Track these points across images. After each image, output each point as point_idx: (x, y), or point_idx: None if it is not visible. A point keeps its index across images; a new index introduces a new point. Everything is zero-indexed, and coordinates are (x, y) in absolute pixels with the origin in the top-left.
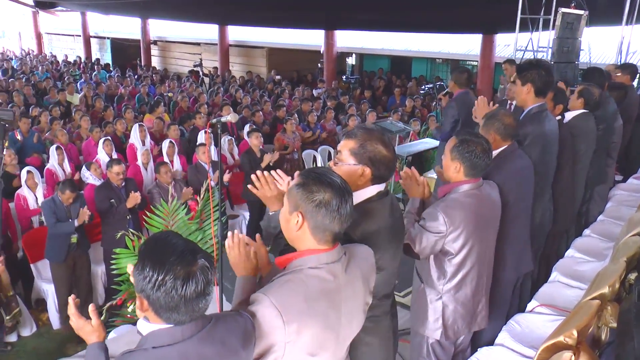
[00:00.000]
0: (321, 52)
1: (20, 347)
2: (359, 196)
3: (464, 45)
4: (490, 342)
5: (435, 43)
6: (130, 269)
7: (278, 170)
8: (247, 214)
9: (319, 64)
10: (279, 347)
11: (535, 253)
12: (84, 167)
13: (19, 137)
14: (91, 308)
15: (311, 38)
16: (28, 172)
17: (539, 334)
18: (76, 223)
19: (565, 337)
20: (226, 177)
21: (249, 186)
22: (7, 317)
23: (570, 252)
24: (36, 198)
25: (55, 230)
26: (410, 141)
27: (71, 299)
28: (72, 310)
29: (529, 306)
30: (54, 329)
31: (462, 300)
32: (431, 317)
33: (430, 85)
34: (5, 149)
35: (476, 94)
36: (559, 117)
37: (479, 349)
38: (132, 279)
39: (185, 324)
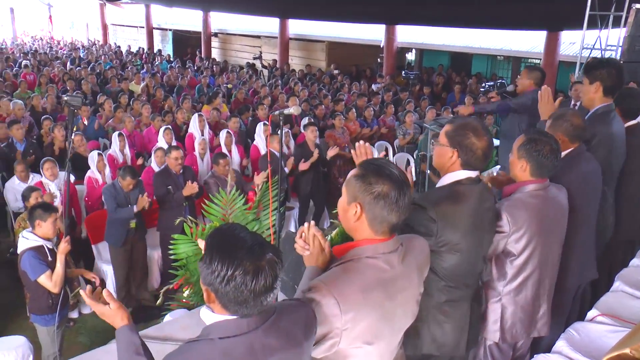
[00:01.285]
0: (381, 46)
1: (81, 324)
2: (448, 178)
3: (527, 42)
4: (548, 349)
5: (497, 39)
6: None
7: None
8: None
9: (378, 59)
10: (335, 334)
11: (597, 260)
12: (152, 151)
13: (85, 122)
14: (106, 293)
15: (371, 32)
16: (98, 154)
17: (598, 344)
18: (135, 209)
19: (632, 349)
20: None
21: (296, 245)
22: (71, 295)
23: (635, 262)
24: (104, 180)
25: (115, 215)
26: None
27: (82, 292)
28: (87, 300)
29: (589, 315)
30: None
31: (521, 303)
32: (490, 318)
33: (491, 83)
34: (74, 133)
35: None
36: (635, 122)
37: (535, 356)
38: (200, 271)
39: (251, 316)
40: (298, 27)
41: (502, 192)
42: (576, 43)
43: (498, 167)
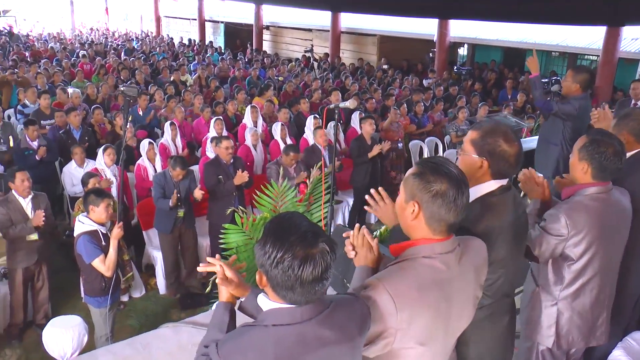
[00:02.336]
0: (433, 41)
1: (131, 307)
2: (479, 190)
3: (585, 37)
4: (603, 358)
5: (552, 34)
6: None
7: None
8: (350, 200)
9: (429, 54)
10: (390, 333)
11: None
12: (209, 141)
13: (140, 113)
14: (232, 270)
15: (423, 27)
16: (149, 143)
17: None
18: (170, 203)
19: None
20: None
21: (345, 249)
22: (123, 279)
23: None
24: (155, 169)
25: (157, 204)
26: (523, 138)
27: (209, 259)
28: (210, 260)
29: None
30: (161, 293)
31: (579, 309)
32: (544, 323)
33: (546, 80)
34: (128, 123)
35: (595, 92)
36: None
37: None
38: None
39: (301, 304)
40: (350, 20)
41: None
42: (639, 39)
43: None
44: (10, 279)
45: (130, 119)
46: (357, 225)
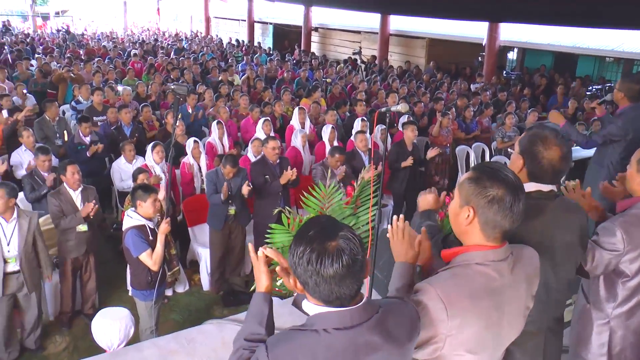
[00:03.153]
0: (482, 45)
1: (174, 302)
2: None
3: None
4: None
5: (606, 39)
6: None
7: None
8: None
9: (478, 58)
10: (439, 339)
11: None
12: (250, 142)
13: (190, 111)
14: (261, 253)
15: (473, 30)
16: (195, 141)
17: None
18: (222, 197)
19: None
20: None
21: (388, 235)
22: (169, 273)
23: None
24: (199, 167)
25: (210, 200)
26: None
27: (249, 244)
28: (252, 253)
29: None
30: (204, 289)
31: (634, 328)
32: (595, 341)
33: (599, 87)
34: (178, 120)
35: None
36: None
37: None
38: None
39: (332, 302)
40: (398, 23)
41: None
42: None
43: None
44: (60, 268)
45: (180, 116)
46: (395, 217)
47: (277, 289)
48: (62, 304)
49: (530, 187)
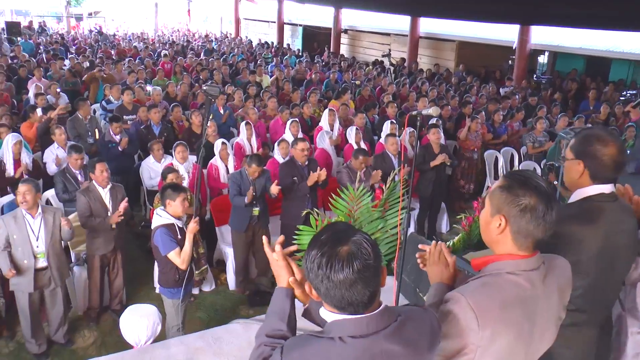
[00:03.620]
0: (513, 48)
1: (201, 301)
2: (578, 194)
3: None
4: None
5: None
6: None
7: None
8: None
9: (508, 61)
10: (470, 349)
11: None
12: (276, 143)
13: (222, 111)
14: (277, 249)
15: (503, 33)
16: (222, 143)
17: None
18: (246, 200)
19: None
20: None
21: (418, 260)
22: (196, 272)
23: None
24: (227, 169)
25: (233, 202)
26: None
27: (265, 238)
28: (266, 246)
29: None
30: (230, 289)
31: None
32: (630, 350)
33: (634, 92)
34: (209, 121)
35: None
36: None
37: None
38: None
39: (345, 309)
40: (428, 25)
41: None
42: None
43: None
44: (89, 264)
45: (211, 117)
46: (434, 242)
47: None
48: (89, 299)
49: (593, 190)
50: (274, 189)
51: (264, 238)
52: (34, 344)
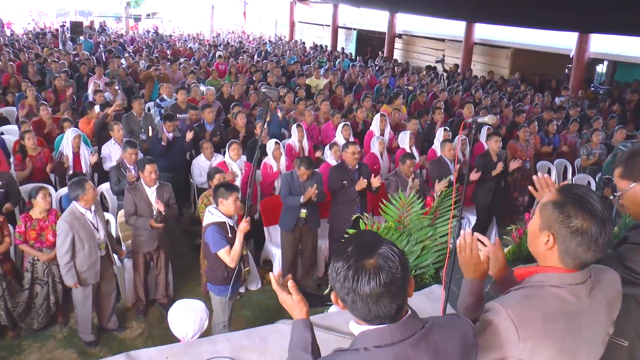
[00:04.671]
0: (570, 57)
1: (246, 299)
2: None
3: None
4: None
5: None
6: None
7: (481, 237)
8: (473, 218)
9: (565, 70)
10: None
11: None
12: (327, 146)
13: (279, 114)
14: (290, 284)
15: (561, 40)
16: (275, 143)
17: None
18: (302, 199)
19: None
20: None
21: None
22: (244, 270)
23: None
24: (279, 168)
25: (285, 202)
26: None
27: (272, 275)
28: (274, 284)
29: None
30: None
31: None
32: None
33: None
34: (266, 123)
35: None
36: None
37: None
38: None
39: (372, 321)
40: (483, 31)
41: None
42: None
43: None
44: (133, 260)
45: (268, 119)
46: (462, 232)
47: None
48: (136, 292)
49: None
50: (308, 192)
51: (271, 275)
52: (87, 332)
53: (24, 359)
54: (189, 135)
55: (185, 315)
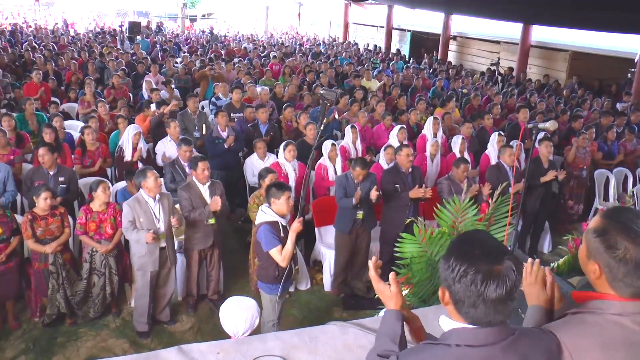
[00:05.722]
0: (635, 60)
1: (295, 298)
2: None
3: None
4: None
5: None
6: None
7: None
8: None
9: (628, 74)
10: None
11: None
12: (382, 149)
13: (336, 116)
14: (392, 276)
15: (622, 43)
16: (332, 144)
17: None
18: (354, 201)
19: None
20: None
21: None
22: (295, 268)
23: None
24: (335, 170)
25: (339, 204)
26: None
27: (371, 262)
28: (372, 273)
29: None
30: (325, 290)
31: None
32: None
33: None
34: (322, 125)
35: None
36: None
37: None
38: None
39: (482, 324)
40: (540, 33)
41: None
42: None
43: None
44: (187, 257)
45: (325, 120)
46: (530, 259)
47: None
48: (187, 288)
49: None
50: (373, 194)
51: (370, 263)
52: (142, 322)
53: (80, 345)
54: (230, 141)
55: (237, 312)
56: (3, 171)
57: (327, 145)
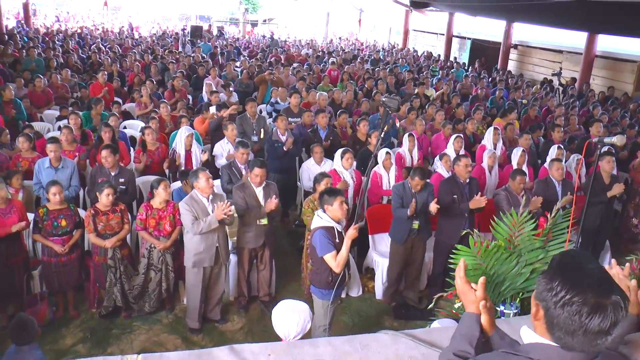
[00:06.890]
0: None
1: (347, 305)
2: None
3: None
4: None
5: None
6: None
7: None
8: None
9: None
10: None
11: None
12: (437, 157)
13: (397, 123)
14: (481, 280)
15: None
16: (387, 152)
17: None
18: (409, 212)
19: None
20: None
21: None
22: (348, 273)
23: None
24: (389, 178)
25: (395, 213)
26: None
27: (462, 262)
28: (460, 273)
29: None
30: (376, 298)
31: None
32: None
33: None
34: (383, 132)
35: None
36: None
37: None
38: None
39: (573, 351)
40: (606, 43)
41: None
42: None
43: None
44: (238, 256)
45: (386, 128)
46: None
47: (453, 311)
48: (238, 287)
49: None
50: (433, 207)
51: (461, 263)
52: (193, 319)
53: (134, 338)
54: (288, 144)
55: (290, 316)
56: (70, 167)
57: (382, 153)
